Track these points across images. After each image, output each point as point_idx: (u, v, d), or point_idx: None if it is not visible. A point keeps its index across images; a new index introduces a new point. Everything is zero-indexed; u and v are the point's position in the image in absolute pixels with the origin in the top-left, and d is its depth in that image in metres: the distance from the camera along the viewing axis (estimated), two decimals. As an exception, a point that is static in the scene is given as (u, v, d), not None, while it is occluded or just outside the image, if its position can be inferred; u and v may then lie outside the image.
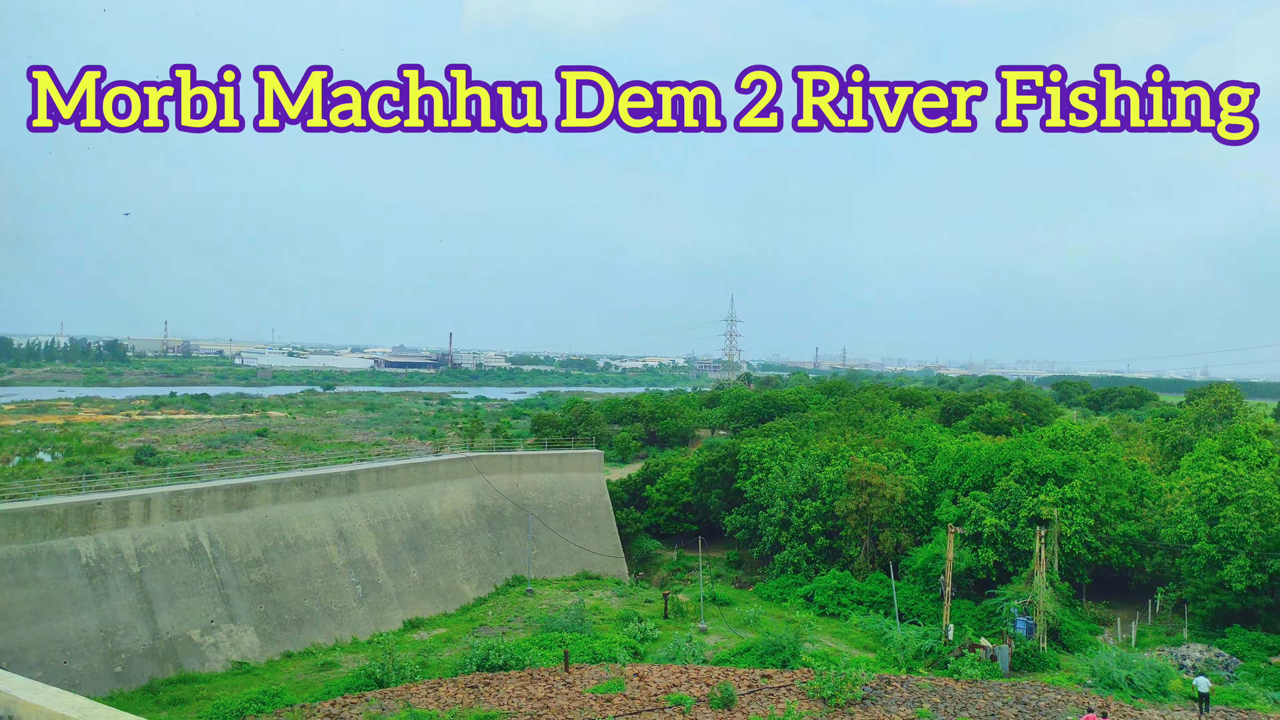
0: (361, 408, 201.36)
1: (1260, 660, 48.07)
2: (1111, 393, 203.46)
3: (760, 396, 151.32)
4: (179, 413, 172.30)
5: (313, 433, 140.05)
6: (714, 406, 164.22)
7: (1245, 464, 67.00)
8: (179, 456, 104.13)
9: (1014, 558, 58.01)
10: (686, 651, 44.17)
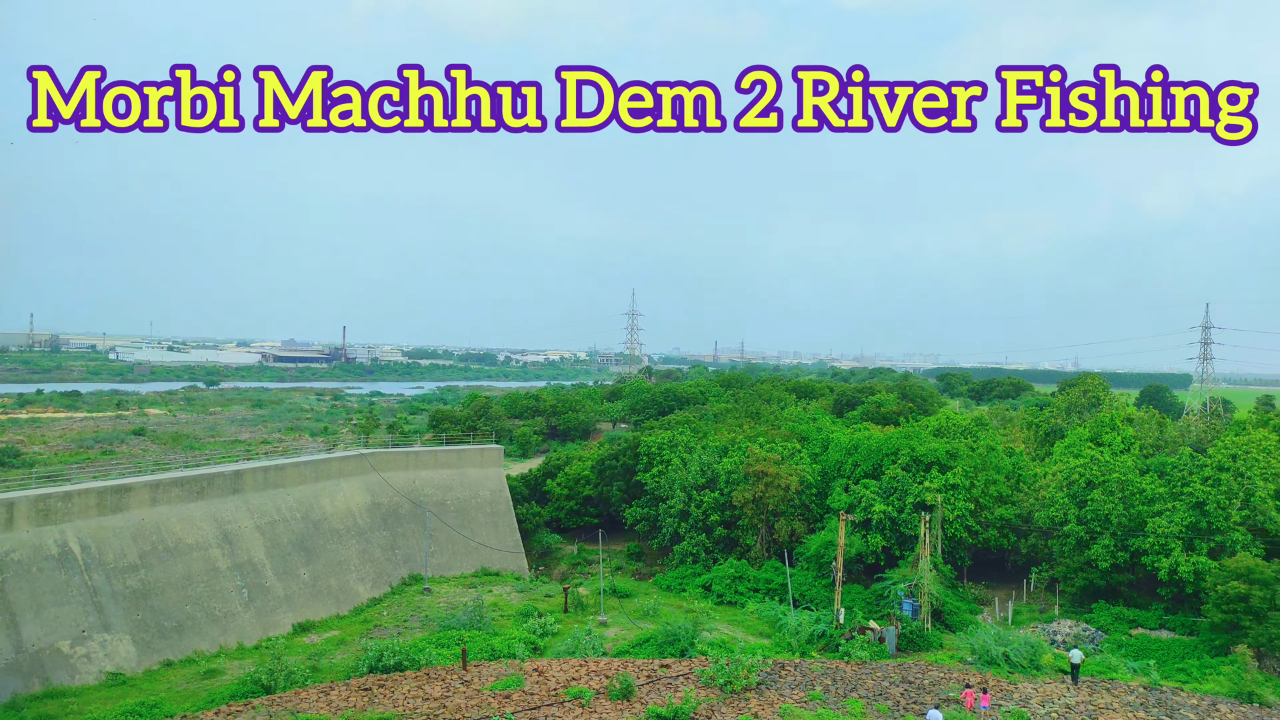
0: (248, 404, 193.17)
1: (1122, 633, 51.54)
2: (991, 384, 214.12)
3: (661, 389, 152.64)
4: (47, 411, 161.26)
5: (195, 431, 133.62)
6: (615, 400, 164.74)
7: (1110, 450, 71.54)
8: (46, 458, 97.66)
9: (901, 542, 60.38)
10: (586, 645, 44.25)
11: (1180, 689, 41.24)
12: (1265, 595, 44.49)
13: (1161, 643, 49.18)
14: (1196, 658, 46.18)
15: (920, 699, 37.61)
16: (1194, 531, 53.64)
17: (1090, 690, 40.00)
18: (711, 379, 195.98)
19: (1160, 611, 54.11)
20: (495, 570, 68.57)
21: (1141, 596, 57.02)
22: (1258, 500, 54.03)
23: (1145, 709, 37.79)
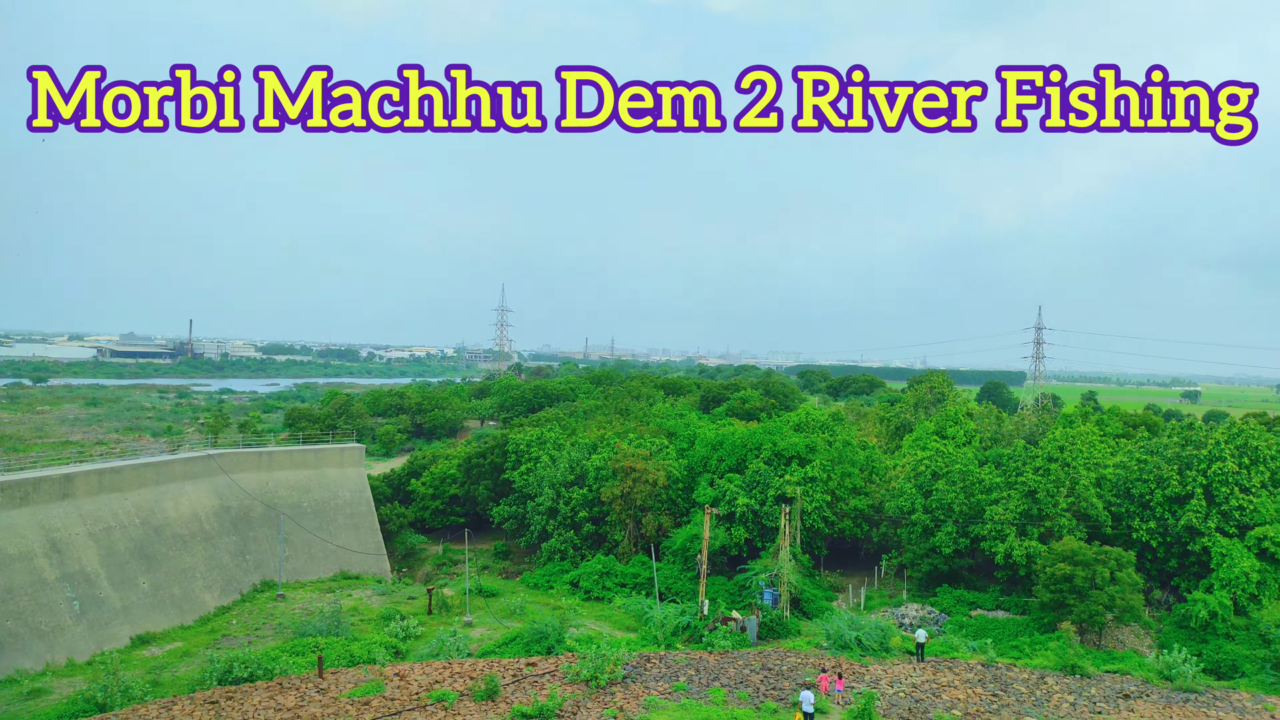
0: (81, 402, 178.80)
1: (963, 615, 55.01)
2: (848, 381, 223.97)
3: (530, 386, 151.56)
4: None
5: (19, 431, 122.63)
6: (484, 397, 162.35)
7: (953, 442, 76.34)
8: None
9: (763, 534, 62.31)
10: (451, 646, 43.43)
11: (1014, 665, 44.40)
12: (1086, 575, 48.50)
13: (998, 622, 52.82)
14: (1028, 635, 49.85)
15: (779, 685, 38.94)
16: (1026, 518, 57.84)
17: (934, 669, 42.51)
18: (582, 376, 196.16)
19: (997, 593, 58.10)
20: (356, 574, 66.26)
21: (980, 580, 61.04)
22: (1081, 488, 58.77)
23: (982, 685, 40.48)
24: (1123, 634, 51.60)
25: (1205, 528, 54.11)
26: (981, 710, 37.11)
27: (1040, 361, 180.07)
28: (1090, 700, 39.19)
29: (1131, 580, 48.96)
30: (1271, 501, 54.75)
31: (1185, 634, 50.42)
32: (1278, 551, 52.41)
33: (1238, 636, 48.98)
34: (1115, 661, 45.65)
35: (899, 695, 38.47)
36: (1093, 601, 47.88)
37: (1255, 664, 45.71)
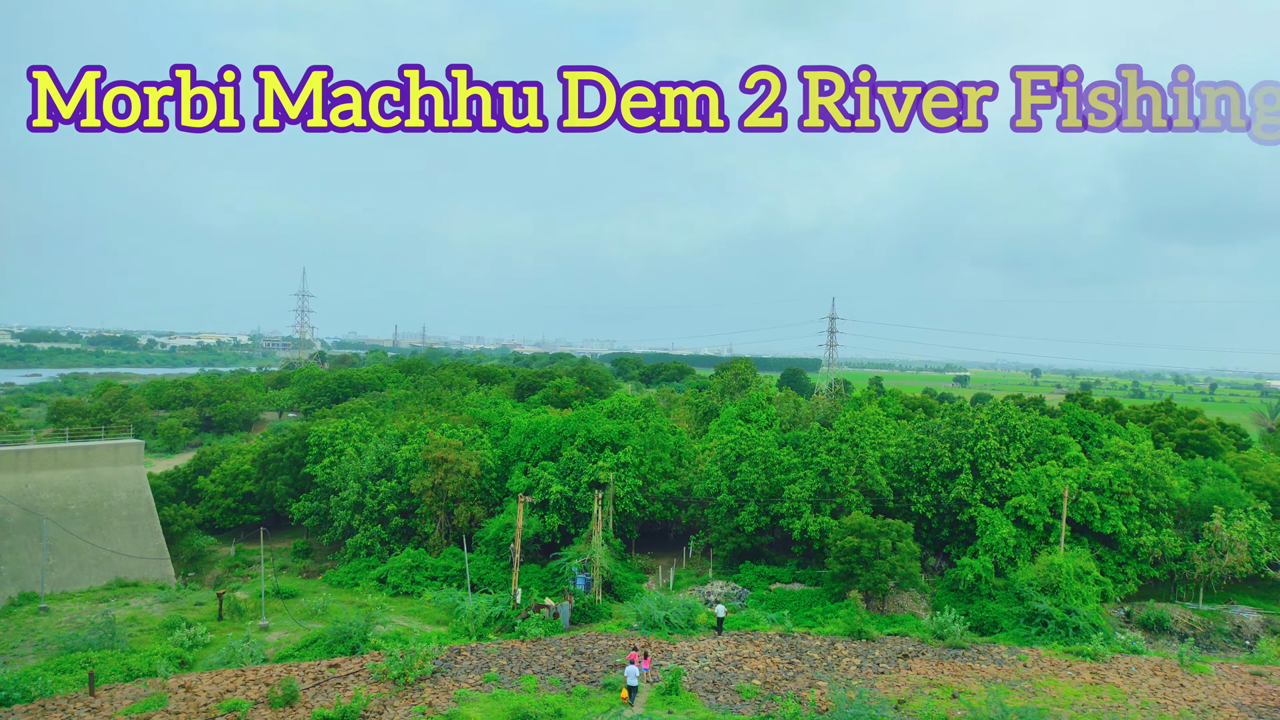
0: None
1: (764, 589, 58.05)
2: (659, 368, 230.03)
3: (335, 376, 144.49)
4: None
5: None
6: (283, 387, 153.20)
7: (756, 426, 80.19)
8: None
9: (576, 520, 62.85)
10: (244, 653, 40.70)
11: (808, 633, 47.36)
12: (871, 546, 52.52)
13: (794, 594, 56.17)
14: (821, 605, 53.37)
15: (591, 668, 39.46)
16: (820, 495, 61.81)
17: (736, 642, 44.59)
18: (391, 364, 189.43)
19: (794, 567, 61.74)
20: (134, 581, 60.60)
21: (780, 555, 64.62)
22: (868, 466, 63.51)
23: (780, 654, 42.91)
24: (903, 599, 56.30)
25: (972, 499, 60.08)
26: (779, 678, 39.32)
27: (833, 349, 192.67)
28: (874, 662, 42.51)
29: (910, 549, 53.53)
30: (1026, 474, 61.52)
31: (955, 596, 55.78)
32: (1030, 518, 59.04)
33: (998, 596, 54.72)
34: (896, 625, 49.77)
35: (704, 669, 40.05)
36: (877, 570, 51.92)
37: (1012, 619, 51.27)
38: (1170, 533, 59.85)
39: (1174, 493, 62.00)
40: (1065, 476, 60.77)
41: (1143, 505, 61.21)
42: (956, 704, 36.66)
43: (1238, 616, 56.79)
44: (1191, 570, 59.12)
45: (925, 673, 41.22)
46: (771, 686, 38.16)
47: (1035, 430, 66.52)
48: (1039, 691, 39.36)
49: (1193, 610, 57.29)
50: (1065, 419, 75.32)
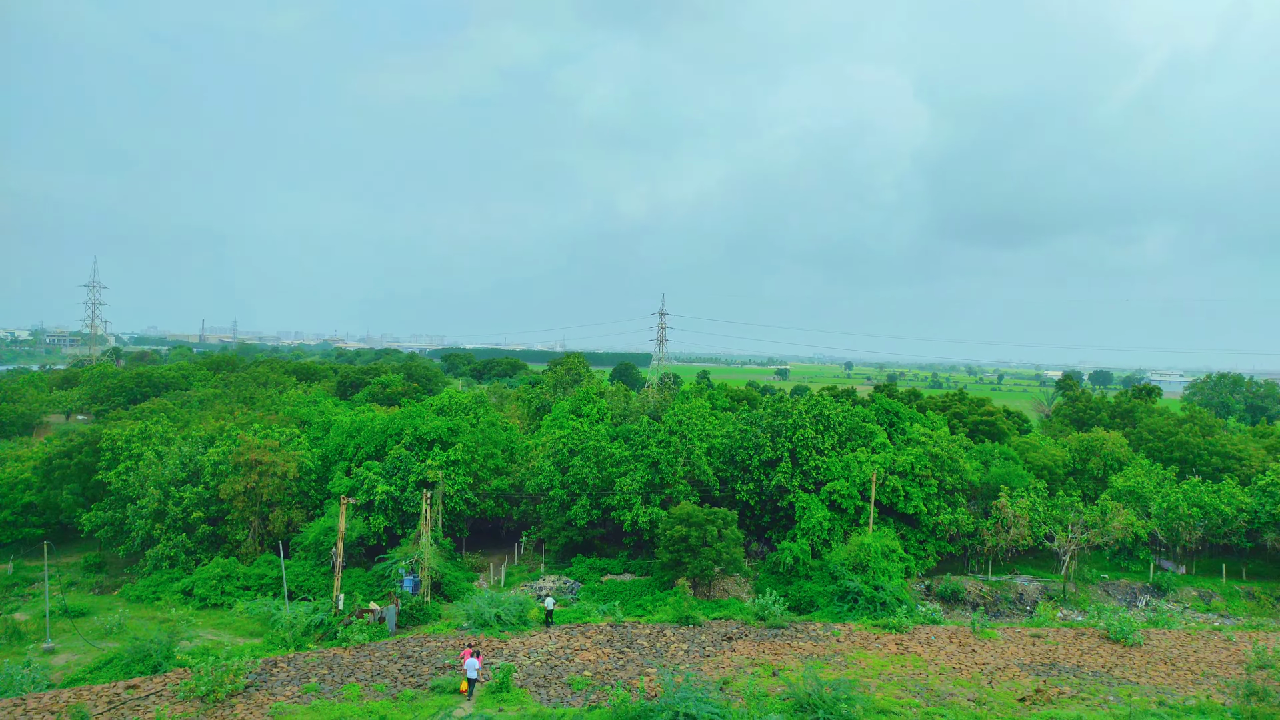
0: None
1: (595, 581, 58.57)
2: (491, 363, 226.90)
3: (132, 374, 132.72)
4: None
5: None
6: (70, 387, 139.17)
7: (588, 420, 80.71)
8: None
9: (404, 521, 60.93)
10: (24, 679, 36.73)
11: (639, 621, 48.26)
12: (699, 535, 54.13)
13: (625, 584, 57.03)
14: (651, 593, 54.48)
15: (418, 672, 38.44)
16: (650, 487, 63.05)
17: (568, 635, 44.78)
18: (198, 362, 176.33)
19: (625, 558, 62.68)
20: (-115, 608, 53.20)
21: (611, 547, 65.40)
22: (696, 457, 65.39)
23: (611, 644, 43.47)
24: (728, 584, 58.42)
25: (791, 486, 63.16)
26: (610, 668, 39.83)
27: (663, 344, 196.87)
28: (701, 646, 43.90)
29: (735, 536, 55.62)
30: (839, 461, 65.34)
31: (776, 578, 58.49)
32: (843, 502, 62.78)
33: (815, 576, 57.86)
34: (722, 609, 51.62)
35: (535, 664, 39.94)
36: (704, 558, 53.60)
37: (827, 598, 54.37)
38: (964, 511, 65.36)
39: (967, 474, 67.75)
40: (874, 462, 65.05)
41: (940, 487, 66.52)
42: (776, 680, 38.48)
43: (1020, 585, 62.85)
44: (982, 545, 64.83)
45: (748, 653, 42.99)
46: (602, 677, 38.59)
47: (848, 419, 70.74)
48: (850, 664, 41.98)
49: (983, 581, 62.89)
50: (874, 408, 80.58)
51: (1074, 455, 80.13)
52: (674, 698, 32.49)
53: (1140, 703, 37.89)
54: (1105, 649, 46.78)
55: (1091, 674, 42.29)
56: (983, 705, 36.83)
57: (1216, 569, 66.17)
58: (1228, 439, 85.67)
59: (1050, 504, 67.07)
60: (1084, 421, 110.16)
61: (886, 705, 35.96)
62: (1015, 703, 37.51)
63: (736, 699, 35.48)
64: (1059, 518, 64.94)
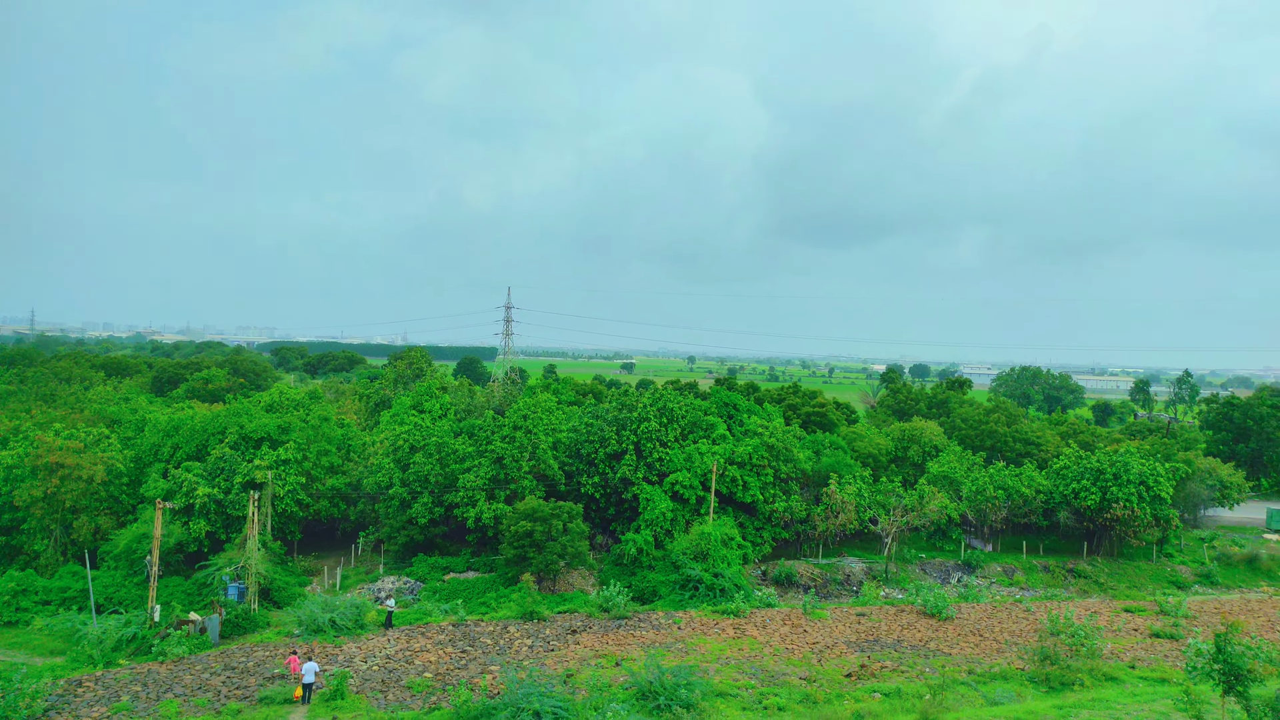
0: None
1: (438, 580, 57.29)
2: (326, 357, 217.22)
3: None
4: None
5: None
6: None
7: (430, 416, 78.73)
8: None
9: (228, 525, 57.35)
10: None
11: (482, 619, 47.63)
12: (544, 529, 54.01)
13: (468, 582, 56.12)
14: (495, 590, 53.88)
15: (245, 683, 36.34)
16: (495, 482, 62.28)
17: (408, 637, 43.59)
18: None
19: (468, 555, 61.63)
20: None
21: (455, 545, 64.12)
22: (541, 452, 65.13)
23: (453, 644, 42.67)
24: (573, 577, 58.62)
25: (636, 478, 64.09)
26: (452, 668, 39.09)
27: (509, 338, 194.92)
28: (545, 640, 43.85)
29: (580, 529, 55.87)
30: (681, 452, 66.89)
31: (620, 570, 59.22)
32: (685, 493, 64.34)
33: (657, 566, 58.99)
34: (567, 602, 51.76)
35: (373, 669, 38.65)
36: (549, 552, 53.53)
37: (669, 587, 55.58)
38: (797, 499, 68.49)
39: (800, 463, 71.02)
40: (715, 453, 67.03)
41: (776, 476, 69.40)
42: (620, 670, 39.01)
43: (848, 567, 66.56)
44: (813, 530, 68.15)
45: (592, 645, 43.33)
46: (444, 678, 37.84)
47: (690, 412, 72.50)
48: (691, 650, 43.14)
49: (814, 564, 66.15)
50: (714, 401, 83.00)
51: (896, 444, 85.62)
52: (517, 694, 32.29)
53: (952, 672, 41.02)
54: (922, 624, 50.34)
55: (910, 648, 45.40)
56: (813, 683, 38.77)
57: (1018, 546, 72.52)
58: (1028, 427, 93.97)
59: (875, 490, 71.36)
60: (905, 412, 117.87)
61: (724, 688, 37.20)
62: (842, 679, 39.73)
63: (580, 691, 35.70)
64: (882, 502, 69.21)
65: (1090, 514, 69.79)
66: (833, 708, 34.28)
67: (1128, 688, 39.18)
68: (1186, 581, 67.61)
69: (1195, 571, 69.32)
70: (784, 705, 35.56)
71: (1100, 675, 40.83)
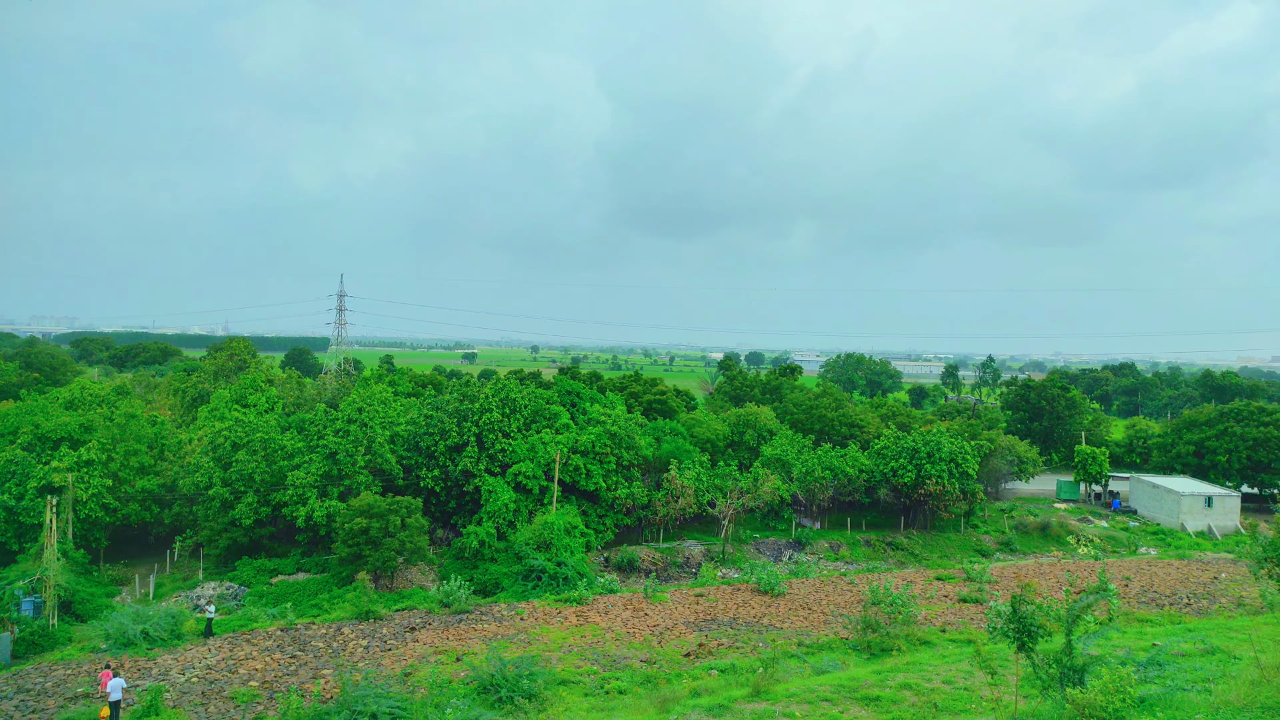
0: None
1: (264, 584, 54.29)
2: (136, 349, 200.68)
3: None
4: None
5: None
6: None
7: (255, 410, 74.39)
8: None
9: (21, 534, 52.09)
10: None
11: (314, 622, 45.55)
12: (381, 525, 52.27)
13: (299, 584, 53.53)
14: (327, 591, 51.66)
15: (42, 705, 33.14)
16: (328, 479, 59.67)
17: (231, 645, 41.09)
18: None
19: (299, 556, 58.77)
20: None
21: (283, 546, 60.96)
22: (377, 446, 62.98)
23: (281, 649, 40.60)
24: (412, 573, 57.14)
25: (478, 470, 63.15)
26: (280, 675, 37.21)
27: (343, 327, 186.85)
28: (382, 640, 42.52)
29: (419, 524, 54.48)
30: (524, 443, 66.48)
31: (461, 563, 58.26)
32: (528, 483, 64.04)
33: (500, 558, 58.45)
34: (405, 600, 50.37)
35: (192, 681, 36.20)
36: (386, 549, 51.88)
37: (512, 578, 55.19)
38: (639, 485, 69.66)
39: (642, 450, 72.23)
40: (558, 442, 67.04)
41: (619, 463, 70.27)
42: (460, 666, 38.40)
43: (687, 550, 68.41)
44: (655, 515, 69.55)
45: (432, 641, 42.43)
46: (271, 685, 35.97)
47: (533, 402, 72.14)
48: (533, 640, 43.07)
49: (655, 549, 67.54)
50: (557, 390, 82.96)
51: (732, 429, 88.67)
52: (351, 696, 31.12)
53: (783, 645, 43.04)
54: (757, 601, 52.51)
55: (745, 624, 47.26)
56: (653, 664, 39.63)
57: (843, 523, 76.92)
58: (853, 410, 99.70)
59: (713, 474, 73.63)
60: (741, 398, 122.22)
61: (567, 675, 37.39)
62: (681, 658, 40.84)
63: (420, 689, 34.87)
64: (720, 486, 71.53)
65: (907, 490, 74.97)
66: (672, 687, 35.14)
67: (938, 650, 42.41)
68: (990, 550, 73.92)
69: (997, 540, 75.91)
70: (625, 688, 36.14)
71: (915, 640, 43.99)
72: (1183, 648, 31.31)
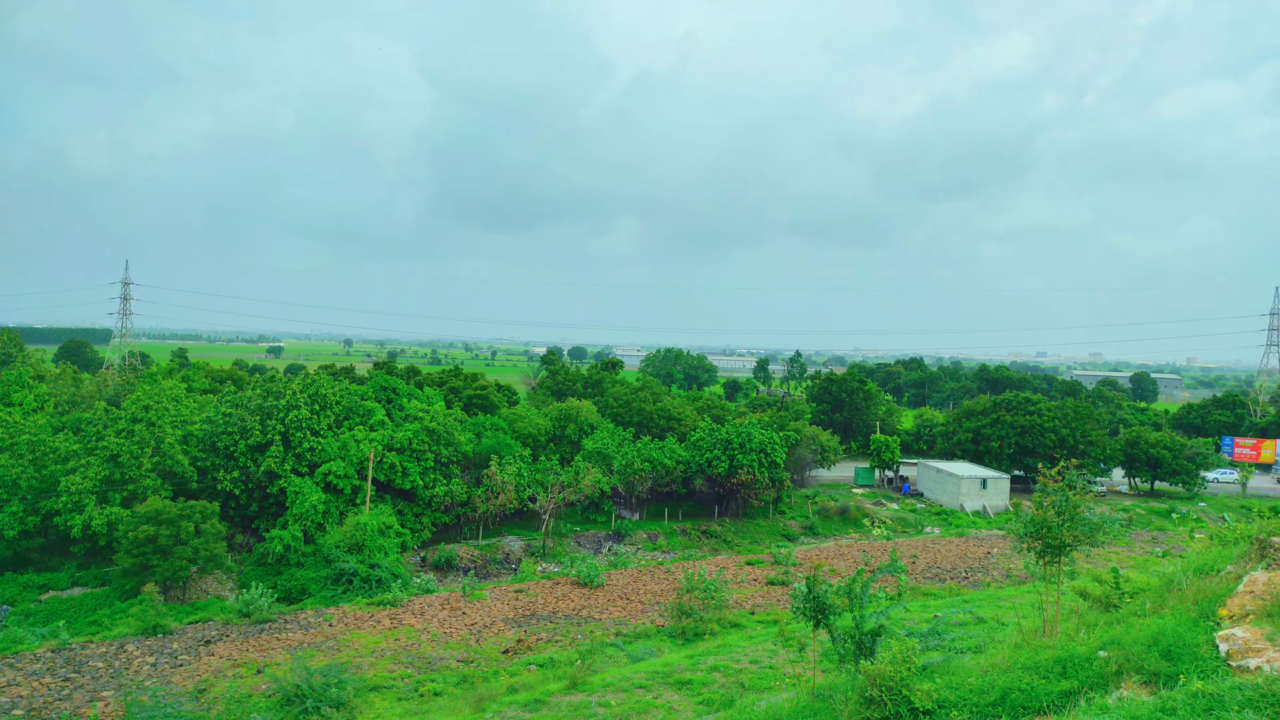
0: None
1: (32, 601, 48.85)
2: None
3: None
4: None
5: None
6: None
7: (21, 410, 66.75)
8: None
9: None
10: None
11: (92, 640, 41.51)
12: (171, 532, 48.31)
13: (74, 600, 48.57)
14: (108, 606, 47.19)
15: None
16: (109, 484, 54.45)
17: (-9, 672, 36.74)
18: None
19: (74, 569, 53.30)
20: None
21: (55, 559, 55.10)
22: (167, 446, 58.12)
23: (52, 672, 36.74)
24: (208, 583, 53.30)
25: (283, 470, 59.67)
26: (51, 700, 33.68)
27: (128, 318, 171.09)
28: (173, 655, 39.39)
29: (216, 530, 50.81)
30: (336, 441, 63.50)
31: (264, 570, 54.90)
32: (339, 483, 61.25)
33: (307, 563, 55.58)
34: (199, 611, 46.87)
35: (-60, 716, 32.07)
36: (177, 558, 48.05)
37: (320, 583, 52.66)
38: (459, 482, 68.31)
39: (462, 446, 70.87)
40: (371, 440, 64.53)
41: (437, 460, 68.59)
42: (262, 678, 36.25)
43: (508, 546, 67.85)
44: (474, 512, 68.45)
45: (229, 654, 39.79)
46: (40, 712, 32.48)
47: (345, 398, 69.04)
48: (344, 646, 41.33)
49: (475, 546, 66.54)
50: (372, 386, 79.86)
51: (554, 423, 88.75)
52: (136, 717, 28.64)
53: (601, 636, 43.65)
54: (576, 593, 52.92)
55: (564, 617, 47.52)
56: (471, 663, 39.08)
57: (661, 513, 78.95)
58: (671, 404, 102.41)
59: (534, 469, 73.42)
60: (563, 392, 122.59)
61: (379, 681, 36.17)
62: (500, 655, 40.52)
63: (215, 706, 32.60)
64: (541, 480, 71.44)
65: (720, 480, 77.95)
66: (489, 685, 34.80)
67: (748, 632, 44.48)
68: (795, 534, 78.23)
69: (802, 525, 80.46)
70: (440, 690, 35.42)
71: (727, 623, 45.90)
72: (960, 618, 34.54)
